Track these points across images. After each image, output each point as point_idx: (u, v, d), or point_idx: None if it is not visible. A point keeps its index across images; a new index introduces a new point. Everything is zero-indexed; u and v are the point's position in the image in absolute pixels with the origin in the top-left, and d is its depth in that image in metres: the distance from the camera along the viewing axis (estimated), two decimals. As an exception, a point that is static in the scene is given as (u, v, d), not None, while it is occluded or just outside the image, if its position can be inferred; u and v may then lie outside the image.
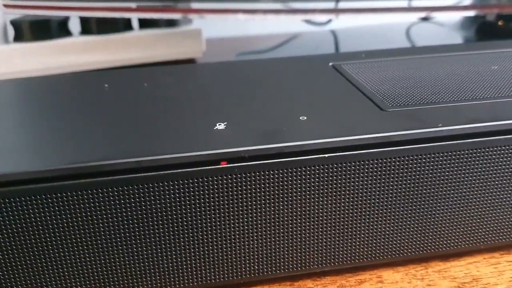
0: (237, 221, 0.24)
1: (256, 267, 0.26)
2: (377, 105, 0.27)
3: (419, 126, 0.24)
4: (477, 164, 0.25)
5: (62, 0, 0.47)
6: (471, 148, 0.25)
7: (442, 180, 0.25)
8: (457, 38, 0.62)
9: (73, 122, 0.26)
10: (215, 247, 0.24)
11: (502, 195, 0.27)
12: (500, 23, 0.56)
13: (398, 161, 0.24)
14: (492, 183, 0.26)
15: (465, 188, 0.26)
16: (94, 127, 0.26)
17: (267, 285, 0.27)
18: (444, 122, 0.25)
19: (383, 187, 0.25)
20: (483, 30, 0.59)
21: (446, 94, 0.28)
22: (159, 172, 0.22)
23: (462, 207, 0.26)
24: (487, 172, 0.26)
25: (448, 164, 0.25)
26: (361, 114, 0.26)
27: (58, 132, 0.25)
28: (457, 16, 0.63)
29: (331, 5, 0.53)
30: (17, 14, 0.51)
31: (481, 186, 0.26)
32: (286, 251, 0.26)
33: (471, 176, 0.26)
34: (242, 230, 0.24)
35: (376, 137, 0.24)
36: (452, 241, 0.27)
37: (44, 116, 0.28)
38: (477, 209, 0.27)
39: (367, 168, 0.24)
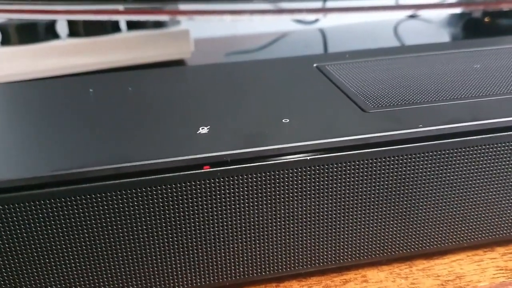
0: (221, 224, 0.24)
1: (242, 269, 0.26)
2: (359, 107, 0.27)
3: (400, 127, 0.25)
4: (458, 164, 0.26)
5: (49, 3, 0.47)
6: (452, 148, 0.25)
7: (424, 180, 0.26)
8: (444, 35, 0.62)
9: (56, 128, 0.26)
10: (199, 250, 0.25)
11: (484, 193, 0.27)
12: (486, 19, 0.57)
13: (380, 162, 0.25)
14: (474, 181, 0.26)
15: (447, 187, 0.26)
16: (76, 133, 0.26)
17: (253, 286, 0.27)
18: (425, 123, 0.25)
19: (365, 188, 0.25)
20: (470, 27, 0.59)
21: (428, 94, 0.29)
22: (141, 178, 0.22)
23: (445, 206, 0.27)
24: (468, 171, 0.26)
25: (430, 164, 0.25)
26: (344, 116, 0.26)
27: (40, 138, 0.25)
28: (444, 13, 0.63)
29: (318, 4, 0.53)
30: (3, 18, 0.51)
31: (463, 185, 0.26)
32: (271, 252, 0.26)
33: (452, 176, 0.26)
34: (226, 233, 0.25)
35: (357, 139, 0.24)
36: (436, 239, 0.28)
37: (27, 123, 0.28)
38: (460, 207, 0.27)
39: (349, 170, 0.24)
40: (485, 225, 0.28)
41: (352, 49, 0.38)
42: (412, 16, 0.65)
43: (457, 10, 0.56)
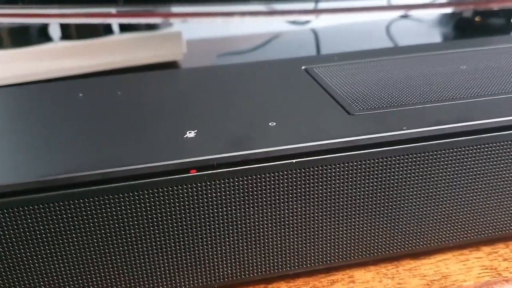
0: (208, 227, 0.25)
1: (230, 271, 0.26)
2: (345, 109, 0.27)
3: (384, 129, 0.25)
4: (443, 165, 0.26)
5: (41, 7, 0.47)
6: (436, 149, 0.26)
7: (410, 181, 0.26)
8: (435, 35, 0.62)
9: (44, 133, 0.27)
10: (187, 253, 0.25)
11: (470, 193, 0.27)
12: (477, 19, 0.57)
13: (365, 164, 0.25)
14: (459, 182, 0.27)
15: (433, 188, 0.27)
16: (64, 138, 0.26)
17: (241, 288, 0.27)
18: (409, 125, 0.25)
19: (351, 189, 0.25)
20: (461, 26, 0.60)
21: (413, 96, 0.29)
22: (128, 183, 0.23)
23: (430, 206, 0.27)
24: (453, 173, 0.26)
25: (415, 165, 0.26)
26: (329, 119, 0.27)
27: (28, 144, 0.26)
28: (435, 12, 0.63)
29: (310, 5, 0.54)
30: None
31: (448, 186, 0.27)
32: (259, 254, 0.26)
33: (438, 177, 0.26)
34: (213, 236, 0.25)
35: (340, 141, 0.24)
36: (422, 240, 0.28)
37: (15, 127, 0.28)
38: (446, 208, 0.27)
39: (333, 172, 0.25)
40: (470, 225, 0.28)
41: (344, 50, 0.38)
42: (403, 16, 0.65)
43: (448, 10, 0.56)
